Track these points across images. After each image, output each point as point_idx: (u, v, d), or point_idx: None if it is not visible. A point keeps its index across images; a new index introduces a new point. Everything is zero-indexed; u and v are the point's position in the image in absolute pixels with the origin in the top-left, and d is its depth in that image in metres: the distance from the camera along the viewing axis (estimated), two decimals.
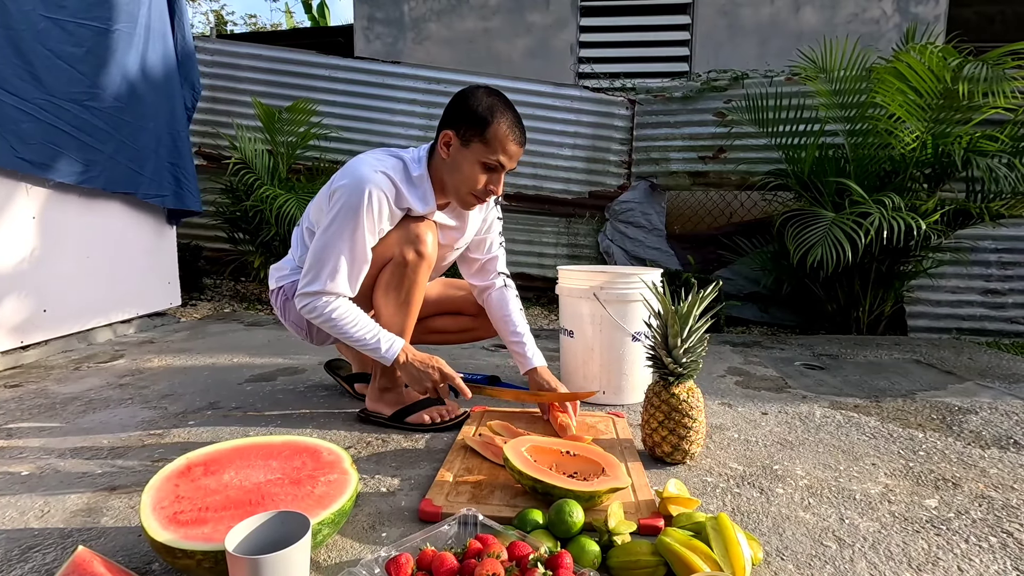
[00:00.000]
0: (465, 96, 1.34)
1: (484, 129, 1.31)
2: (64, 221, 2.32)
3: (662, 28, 4.97)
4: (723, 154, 3.83)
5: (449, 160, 1.37)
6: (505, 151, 1.33)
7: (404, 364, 1.38)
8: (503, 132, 1.31)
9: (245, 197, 3.50)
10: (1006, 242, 3.28)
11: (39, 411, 1.61)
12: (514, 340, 1.59)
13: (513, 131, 1.33)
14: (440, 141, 1.37)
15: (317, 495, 0.92)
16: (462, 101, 1.34)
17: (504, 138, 1.32)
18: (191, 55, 3.00)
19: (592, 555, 0.87)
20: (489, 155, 1.33)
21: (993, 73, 2.54)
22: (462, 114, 1.33)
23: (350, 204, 1.32)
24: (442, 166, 1.39)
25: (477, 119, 1.31)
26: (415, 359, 1.39)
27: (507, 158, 1.34)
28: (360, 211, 1.32)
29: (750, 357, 2.44)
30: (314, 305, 1.35)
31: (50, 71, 2.16)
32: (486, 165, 1.34)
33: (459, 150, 1.34)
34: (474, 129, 1.32)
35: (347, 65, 4.07)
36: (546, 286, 4.00)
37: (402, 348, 1.38)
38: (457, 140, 1.34)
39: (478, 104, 1.32)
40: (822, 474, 1.27)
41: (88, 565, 0.73)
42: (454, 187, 1.39)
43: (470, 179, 1.35)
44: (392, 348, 1.37)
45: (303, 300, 1.36)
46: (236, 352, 2.35)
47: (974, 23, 4.91)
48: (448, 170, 1.38)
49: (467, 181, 1.36)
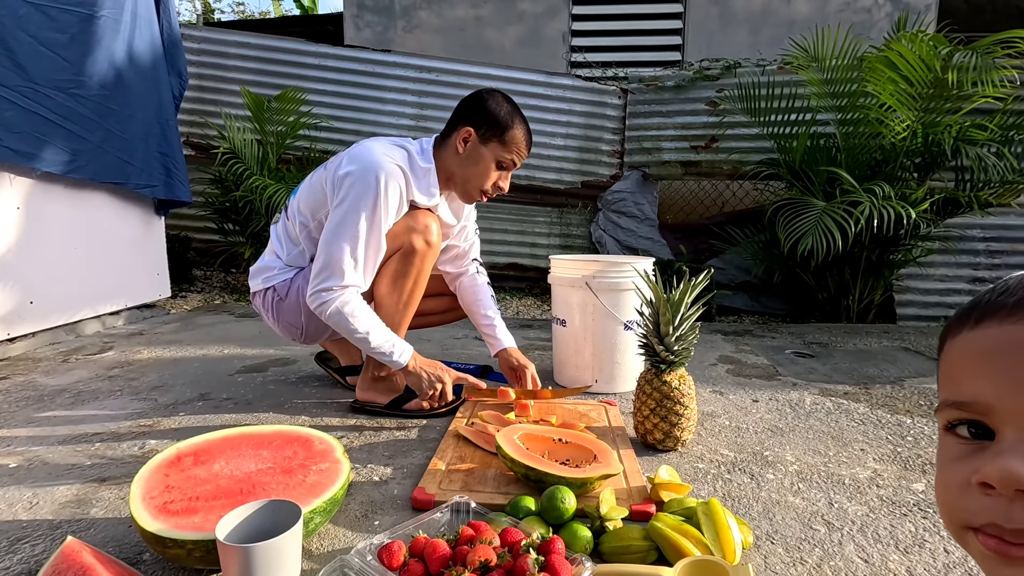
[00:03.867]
0: (484, 98, 1.43)
1: (504, 131, 1.41)
2: (50, 212, 2.28)
3: (654, 16, 4.95)
4: (715, 143, 3.83)
5: (464, 155, 1.43)
6: (519, 153, 1.44)
7: (412, 371, 1.40)
8: (520, 136, 1.43)
9: (234, 187, 3.46)
10: (994, 231, 3.31)
11: (27, 403, 1.59)
12: (485, 323, 1.66)
13: (527, 137, 1.45)
14: (458, 136, 1.42)
15: (309, 484, 0.92)
16: (482, 102, 1.42)
17: (520, 142, 1.43)
18: (177, 43, 2.95)
19: (584, 541, 0.87)
20: (505, 154, 1.43)
21: (982, 62, 2.55)
22: (482, 114, 1.41)
23: (365, 191, 1.31)
24: (453, 159, 1.44)
25: (498, 121, 1.41)
26: (423, 366, 1.41)
27: (519, 159, 1.45)
28: (377, 198, 1.31)
29: (741, 345, 2.46)
30: (328, 300, 1.32)
31: (33, 58, 2.11)
32: (500, 163, 1.44)
33: (476, 147, 1.42)
34: (495, 130, 1.41)
35: (337, 53, 4.02)
36: (539, 276, 4.00)
37: (411, 356, 1.40)
38: (476, 137, 1.41)
39: (499, 108, 1.42)
40: (812, 459, 1.28)
41: (77, 555, 0.73)
42: (464, 180, 1.45)
43: (484, 174, 1.44)
44: (404, 355, 1.38)
45: (318, 298, 1.33)
46: (227, 343, 2.33)
47: (964, 12, 4.92)
48: (461, 164, 1.44)
49: (480, 176, 1.44)
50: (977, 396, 0.36)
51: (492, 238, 3.97)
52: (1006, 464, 0.32)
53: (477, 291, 1.69)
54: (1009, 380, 0.34)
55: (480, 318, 1.67)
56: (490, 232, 3.95)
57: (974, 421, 0.36)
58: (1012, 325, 0.35)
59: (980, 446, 0.36)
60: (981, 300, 0.38)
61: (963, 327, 0.38)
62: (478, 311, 1.67)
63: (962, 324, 0.39)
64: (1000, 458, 0.33)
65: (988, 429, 0.35)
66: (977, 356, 0.36)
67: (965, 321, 0.38)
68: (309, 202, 1.45)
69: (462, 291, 1.71)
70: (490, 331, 1.65)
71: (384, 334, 1.37)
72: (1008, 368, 0.34)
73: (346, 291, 1.33)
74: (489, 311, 1.67)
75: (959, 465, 0.36)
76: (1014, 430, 0.34)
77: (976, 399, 0.36)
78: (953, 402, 0.37)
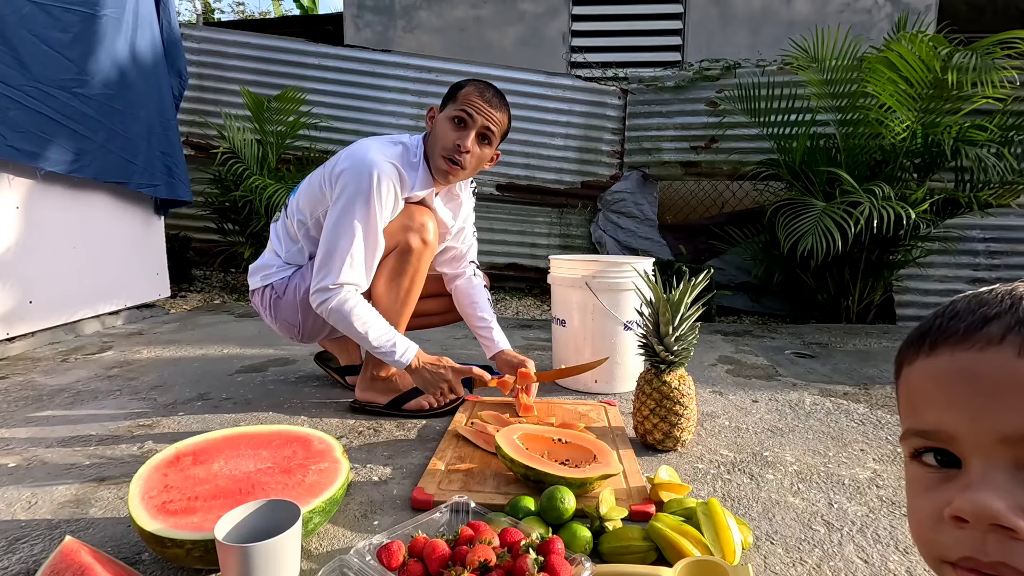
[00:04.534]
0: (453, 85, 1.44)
1: (456, 92, 1.42)
2: (49, 212, 2.28)
3: (654, 17, 4.95)
4: (715, 144, 3.83)
5: (432, 131, 1.45)
6: (470, 103, 1.38)
7: (417, 369, 1.40)
8: (469, 90, 1.40)
9: (234, 187, 3.46)
10: (994, 231, 3.31)
11: (26, 403, 1.59)
12: (481, 326, 1.66)
13: (480, 89, 1.40)
14: (427, 119, 1.46)
15: (308, 484, 0.92)
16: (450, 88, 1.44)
17: (469, 94, 1.40)
18: (177, 42, 2.95)
19: (583, 541, 0.87)
20: (455, 109, 1.39)
21: (982, 63, 2.54)
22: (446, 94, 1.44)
23: (360, 189, 1.32)
24: (428, 142, 1.45)
25: (453, 90, 1.43)
26: (427, 363, 1.41)
27: (473, 111, 1.38)
28: (371, 196, 1.32)
29: (741, 346, 2.45)
30: (329, 298, 1.32)
31: (36, 57, 2.11)
32: (456, 119, 1.40)
33: (437, 119, 1.44)
34: (449, 97, 1.43)
35: (337, 53, 4.02)
36: (539, 276, 3.99)
37: (415, 354, 1.39)
38: (437, 110, 1.45)
39: (458, 83, 1.44)
40: (811, 460, 1.28)
41: (75, 555, 0.73)
42: (432, 154, 1.44)
43: (443, 137, 1.41)
44: (407, 354, 1.38)
45: (320, 296, 1.33)
46: (226, 343, 2.33)
47: (964, 13, 4.92)
48: (431, 142, 1.44)
49: (440, 140, 1.41)
50: (939, 425, 0.35)
51: (492, 238, 3.96)
52: (978, 497, 0.32)
53: (473, 293, 1.69)
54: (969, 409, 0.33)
55: (476, 320, 1.66)
56: (490, 232, 3.95)
57: (940, 449, 0.35)
58: (965, 352, 0.34)
59: (948, 474, 0.35)
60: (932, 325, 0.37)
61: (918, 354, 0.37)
62: (474, 313, 1.67)
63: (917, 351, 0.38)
64: (970, 491, 0.32)
65: (955, 456, 0.35)
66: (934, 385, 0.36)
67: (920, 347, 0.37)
68: (308, 200, 1.45)
69: (458, 293, 1.71)
70: (486, 334, 1.65)
71: (387, 332, 1.37)
72: (966, 396, 0.33)
73: (345, 289, 1.33)
74: (485, 314, 1.66)
75: (929, 496, 0.36)
76: (980, 460, 0.33)
77: (938, 428, 0.35)
78: (917, 431, 0.37)
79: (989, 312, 0.35)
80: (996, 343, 0.33)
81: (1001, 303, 0.35)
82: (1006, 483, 0.32)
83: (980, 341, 0.34)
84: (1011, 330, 0.33)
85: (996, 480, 0.32)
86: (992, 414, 0.32)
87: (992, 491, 0.32)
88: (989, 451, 0.33)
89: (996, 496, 0.31)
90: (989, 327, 0.34)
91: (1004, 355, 0.33)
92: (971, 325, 0.35)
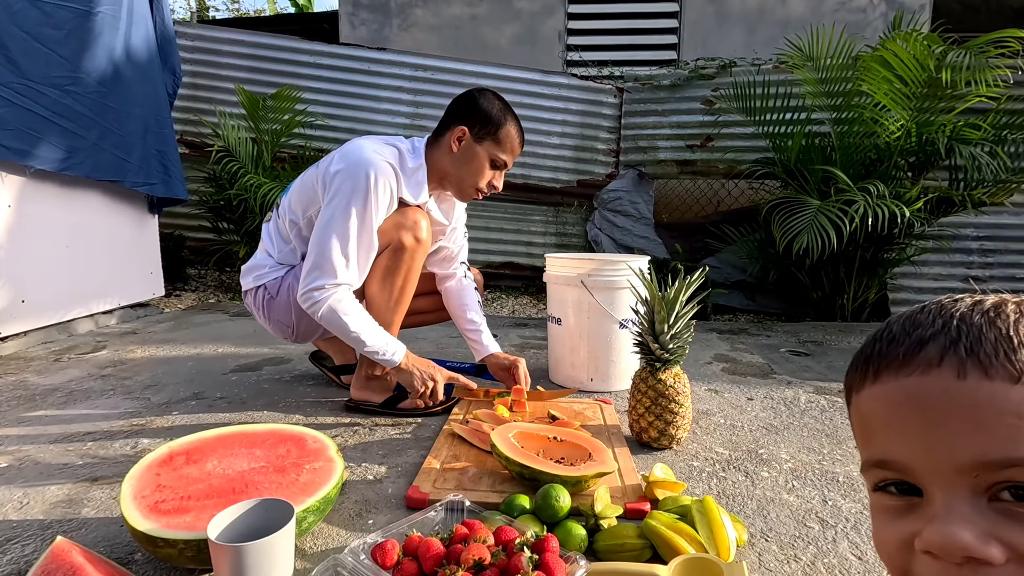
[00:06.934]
0: (476, 97, 1.43)
1: (498, 129, 1.42)
2: (41, 210, 2.26)
3: (650, 16, 4.95)
4: (711, 142, 3.83)
5: (459, 153, 1.43)
6: (512, 151, 1.45)
7: (404, 369, 1.40)
8: (513, 134, 1.44)
9: (229, 186, 3.44)
10: (987, 230, 3.33)
11: (18, 403, 1.58)
12: (470, 328, 1.66)
13: (520, 134, 1.46)
14: (452, 135, 1.42)
15: (302, 483, 0.92)
16: (474, 101, 1.42)
17: (513, 140, 1.44)
18: (171, 40, 2.93)
19: (579, 539, 0.87)
20: (499, 153, 1.43)
21: (976, 61, 2.55)
22: (475, 113, 1.41)
23: (355, 188, 1.31)
24: (446, 158, 1.44)
25: (492, 119, 1.41)
26: (415, 365, 1.40)
27: (512, 158, 1.46)
28: (368, 195, 1.31)
29: (736, 344, 2.46)
30: (320, 299, 1.31)
31: (28, 54, 2.10)
32: (494, 162, 1.44)
33: (471, 145, 1.42)
34: (488, 128, 1.41)
35: (332, 51, 4.00)
36: (534, 275, 3.99)
37: (405, 354, 1.39)
38: (470, 136, 1.42)
39: (491, 106, 1.42)
40: (806, 457, 1.28)
41: (66, 555, 0.72)
42: (459, 179, 1.45)
43: (478, 173, 1.44)
44: (397, 354, 1.38)
45: (310, 297, 1.32)
46: (221, 342, 2.32)
47: (959, 12, 4.94)
48: (455, 163, 1.43)
49: (475, 174, 1.44)
50: (893, 455, 0.34)
51: (488, 237, 3.96)
52: (945, 531, 0.31)
53: (464, 295, 1.68)
54: (921, 442, 0.33)
55: (465, 322, 1.66)
56: (486, 231, 3.95)
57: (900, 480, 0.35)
58: (907, 378, 0.34)
59: (911, 502, 0.34)
60: (873, 351, 0.37)
61: (864, 382, 0.37)
62: (463, 315, 1.67)
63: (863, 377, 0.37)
64: (937, 523, 0.32)
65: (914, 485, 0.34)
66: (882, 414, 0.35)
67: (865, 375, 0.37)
68: (300, 200, 1.44)
69: (448, 295, 1.71)
70: (475, 336, 1.65)
71: (377, 333, 1.36)
72: (918, 429, 0.33)
73: (338, 289, 1.32)
74: (474, 316, 1.66)
75: (895, 523, 0.35)
76: (941, 490, 0.32)
77: (895, 458, 0.34)
78: (875, 461, 0.36)
79: (924, 334, 0.34)
80: (936, 366, 0.33)
81: (934, 324, 0.34)
82: (970, 512, 0.31)
83: (920, 365, 0.33)
84: (947, 351, 0.33)
85: (960, 510, 0.31)
86: (945, 443, 0.32)
87: (958, 523, 0.31)
88: (948, 481, 0.32)
89: (962, 528, 0.31)
90: (926, 350, 0.34)
91: (944, 378, 0.32)
92: (909, 348, 0.34)
